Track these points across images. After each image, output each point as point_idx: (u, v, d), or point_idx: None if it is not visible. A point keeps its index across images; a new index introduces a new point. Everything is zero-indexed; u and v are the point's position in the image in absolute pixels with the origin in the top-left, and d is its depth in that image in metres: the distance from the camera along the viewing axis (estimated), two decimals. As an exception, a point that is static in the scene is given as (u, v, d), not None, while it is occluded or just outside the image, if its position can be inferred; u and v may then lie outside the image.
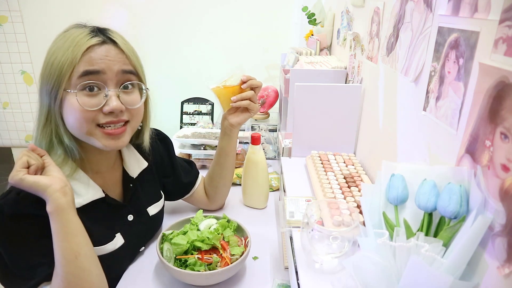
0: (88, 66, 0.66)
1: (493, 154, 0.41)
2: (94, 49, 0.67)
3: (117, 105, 0.67)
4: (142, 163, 0.88)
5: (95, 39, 0.67)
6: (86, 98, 0.66)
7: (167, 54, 2.33)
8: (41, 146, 0.69)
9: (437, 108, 0.57)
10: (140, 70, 0.74)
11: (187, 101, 2.08)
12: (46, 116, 0.68)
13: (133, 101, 0.72)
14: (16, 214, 0.63)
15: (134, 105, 0.72)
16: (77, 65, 0.65)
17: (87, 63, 0.66)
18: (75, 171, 0.71)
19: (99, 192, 0.74)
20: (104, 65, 0.67)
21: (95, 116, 0.67)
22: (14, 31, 2.31)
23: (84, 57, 0.66)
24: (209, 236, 0.81)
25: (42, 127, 0.69)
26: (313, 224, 0.60)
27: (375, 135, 0.90)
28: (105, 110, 0.67)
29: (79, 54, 0.65)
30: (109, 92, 0.67)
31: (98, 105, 0.67)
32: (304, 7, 1.58)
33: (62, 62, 0.65)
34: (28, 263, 0.63)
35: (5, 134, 2.54)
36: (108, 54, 0.68)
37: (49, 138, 0.69)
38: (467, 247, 0.41)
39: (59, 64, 0.65)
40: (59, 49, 0.66)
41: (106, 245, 0.74)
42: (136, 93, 0.73)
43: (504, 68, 0.40)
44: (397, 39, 0.75)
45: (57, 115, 0.68)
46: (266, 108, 1.72)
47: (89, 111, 0.66)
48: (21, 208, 0.63)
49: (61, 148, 0.70)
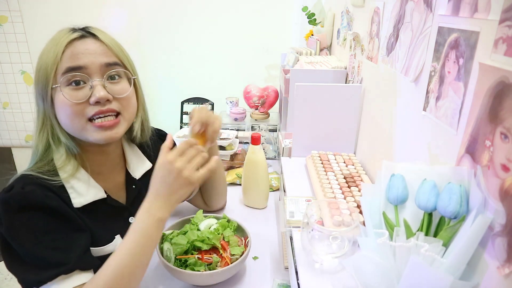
0: (71, 62, 0.67)
1: (493, 154, 0.41)
2: (74, 44, 0.68)
3: (103, 95, 0.68)
4: (146, 164, 0.88)
5: (74, 34, 0.68)
6: (72, 92, 0.67)
7: (167, 54, 2.33)
8: (38, 148, 0.70)
9: (437, 108, 0.57)
10: (125, 60, 0.75)
11: (187, 101, 2.08)
12: (43, 119, 0.70)
13: (121, 90, 0.72)
14: (24, 206, 0.62)
15: (122, 94, 0.72)
16: (59, 62, 0.66)
17: (69, 59, 0.67)
18: (77, 170, 0.72)
19: (100, 192, 0.74)
20: (87, 59, 0.67)
21: (84, 109, 0.68)
22: (14, 31, 2.31)
23: (65, 53, 0.67)
24: (209, 236, 0.81)
25: (40, 130, 0.70)
26: (313, 224, 0.60)
27: (375, 135, 0.90)
28: (91, 100, 0.67)
29: (60, 50, 0.66)
30: (94, 83, 0.68)
31: (85, 97, 0.67)
32: (304, 7, 1.58)
33: (46, 62, 0.67)
34: (39, 255, 0.62)
35: (5, 134, 2.54)
36: (89, 47, 0.69)
37: (46, 140, 0.70)
38: (467, 247, 0.41)
39: (45, 65, 0.67)
40: (44, 53, 0.68)
41: (105, 246, 0.74)
42: (124, 82, 0.73)
43: (504, 68, 0.40)
44: (397, 39, 0.75)
45: (51, 115, 0.69)
46: (266, 108, 1.72)
47: (77, 105, 0.67)
48: (28, 201, 0.63)
49: (62, 147, 0.70)
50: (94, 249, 0.72)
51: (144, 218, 0.66)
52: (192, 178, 0.67)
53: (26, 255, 0.62)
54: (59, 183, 0.68)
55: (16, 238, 0.62)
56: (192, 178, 0.67)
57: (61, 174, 0.69)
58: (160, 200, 0.67)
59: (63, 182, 0.69)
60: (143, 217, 0.66)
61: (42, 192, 0.64)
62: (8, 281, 1.91)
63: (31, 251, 0.62)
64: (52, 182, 0.67)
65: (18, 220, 0.62)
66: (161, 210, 0.66)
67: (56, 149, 0.70)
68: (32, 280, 0.62)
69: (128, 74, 0.75)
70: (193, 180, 0.67)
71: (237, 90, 1.94)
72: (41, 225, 0.63)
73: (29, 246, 0.62)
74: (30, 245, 0.62)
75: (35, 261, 0.62)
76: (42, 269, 0.61)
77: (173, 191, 0.67)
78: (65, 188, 0.69)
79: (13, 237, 0.62)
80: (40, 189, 0.65)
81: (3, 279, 1.93)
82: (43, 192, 0.64)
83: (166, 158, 0.67)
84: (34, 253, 0.62)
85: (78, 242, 0.66)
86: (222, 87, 2.32)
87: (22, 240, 0.62)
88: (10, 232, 0.62)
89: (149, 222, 0.65)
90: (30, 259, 0.62)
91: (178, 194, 0.67)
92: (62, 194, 0.68)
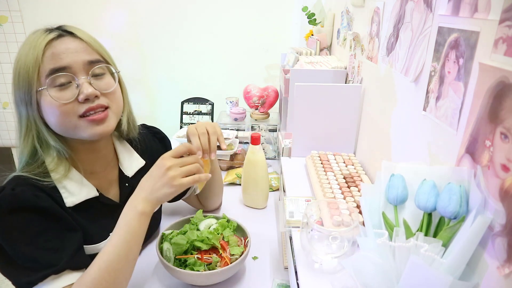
0: (53, 63, 0.66)
1: (493, 154, 0.41)
2: (53, 44, 0.67)
3: (91, 91, 0.68)
4: (139, 161, 0.87)
5: (52, 34, 0.68)
6: (59, 93, 0.66)
7: (167, 54, 2.33)
8: (24, 154, 0.69)
9: (437, 108, 0.57)
10: (105, 55, 0.74)
11: (187, 101, 2.08)
12: (26, 125, 0.69)
13: (106, 85, 0.72)
14: (14, 208, 0.62)
15: (108, 89, 0.72)
16: (41, 64, 0.66)
17: (51, 60, 0.66)
18: (69, 171, 0.72)
19: (93, 191, 0.74)
20: (69, 59, 0.67)
21: (73, 108, 0.67)
22: (14, 31, 2.31)
23: (46, 54, 0.66)
24: (209, 236, 0.81)
25: (24, 137, 0.69)
26: (312, 224, 0.60)
27: (375, 135, 0.90)
28: (80, 98, 0.67)
29: (40, 52, 0.65)
30: (80, 81, 0.68)
31: (73, 96, 0.67)
32: (304, 7, 1.58)
33: (26, 65, 0.66)
34: (31, 256, 0.62)
35: (5, 134, 2.54)
36: (69, 46, 0.68)
37: (32, 144, 0.69)
38: (467, 247, 0.41)
39: (25, 69, 0.66)
40: (21, 56, 0.67)
41: (99, 243, 0.74)
42: (108, 77, 0.73)
43: (504, 68, 0.40)
44: (397, 39, 0.75)
45: (37, 119, 0.68)
46: (266, 108, 1.72)
47: (66, 104, 0.67)
48: (19, 202, 0.63)
49: (53, 150, 0.70)
50: (89, 247, 0.72)
51: (127, 211, 0.67)
52: (175, 181, 0.67)
53: (18, 257, 0.62)
54: (51, 184, 0.68)
55: (8, 239, 0.62)
56: (176, 181, 0.67)
57: (53, 176, 0.69)
58: (142, 193, 0.68)
59: (55, 183, 0.69)
60: (126, 210, 0.67)
61: (32, 192, 0.64)
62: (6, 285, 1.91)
63: (22, 252, 0.62)
64: (44, 183, 0.67)
65: (9, 222, 0.62)
66: (142, 203, 0.67)
67: (46, 152, 0.70)
68: (23, 282, 0.62)
69: (111, 69, 0.75)
70: (176, 183, 0.67)
71: (237, 90, 1.94)
72: (32, 226, 0.63)
73: (21, 247, 0.62)
74: (21, 246, 0.62)
75: (27, 263, 0.62)
76: (33, 271, 0.62)
77: (156, 188, 0.68)
78: (57, 188, 0.69)
79: (5, 239, 0.62)
80: (31, 190, 0.65)
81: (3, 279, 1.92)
82: (33, 193, 0.64)
83: (162, 156, 0.69)
84: (26, 254, 0.62)
85: (69, 242, 0.66)
86: (222, 87, 2.32)
87: (14, 242, 0.62)
88: (2, 234, 0.62)
89: (131, 216, 0.66)
90: (21, 260, 0.62)
91: (160, 193, 0.68)
92: (54, 194, 0.68)
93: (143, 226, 0.67)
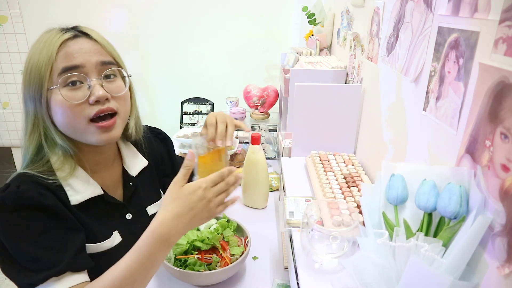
0: (66, 62, 0.66)
1: (493, 154, 0.41)
2: (68, 44, 0.67)
3: (102, 94, 0.67)
4: (142, 161, 0.88)
5: (67, 34, 0.68)
6: (70, 92, 0.66)
7: (167, 54, 2.33)
8: (29, 150, 0.69)
9: (437, 108, 0.57)
10: (118, 59, 0.75)
11: (187, 101, 2.08)
12: (33, 122, 0.68)
13: (117, 88, 0.72)
14: (18, 206, 0.62)
15: (119, 92, 0.72)
16: (54, 62, 0.65)
17: (65, 58, 0.66)
18: (74, 169, 0.72)
19: (97, 189, 0.74)
20: (82, 58, 0.67)
21: (84, 109, 0.67)
22: (14, 31, 2.31)
23: (60, 53, 0.66)
24: (209, 236, 0.81)
25: (30, 134, 0.69)
26: (313, 224, 0.60)
27: (375, 135, 0.90)
28: (91, 100, 0.67)
29: (54, 51, 0.65)
30: (92, 82, 0.67)
31: (84, 97, 0.67)
32: (304, 7, 1.58)
33: (39, 63, 0.65)
34: (33, 256, 0.62)
35: (5, 134, 2.54)
36: (83, 46, 0.68)
37: (37, 141, 0.69)
38: (467, 247, 0.41)
39: (37, 66, 0.65)
40: (35, 54, 0.66)
41: (103, 242, 0.74)
42: (119, 80, 0.73)
43: (504, 68, 0.40)
44: (397, 39, 0.75)
45: (45, 117, 0.68)
46: (266, 108, 1.72)
47: (76, 105, 0.66)
48: (23, 200, 0.63)
49: (59, 149, 0.70)
50: (92, 245, 0.72)
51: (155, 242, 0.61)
52: (214, 212, 0.65)
53: (20, 256, 0.62)
54: (56, 182, 0.68)
55: (10, 237, 0.62)
56: (215, 211, 0.65)
57: (58, 174, 0.69)
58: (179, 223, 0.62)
59: (60, 181, 0.69)
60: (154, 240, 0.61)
61: (37, 190, 0.64)
62: (6, 285, 1.91)
63: (25, 251, 0.62)
64: (49, 181, 0.67)
65: (12, 219, 0.62)
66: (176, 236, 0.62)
67: (52, 151, 0.69)
68: (25, 283, 0.62)
69: (122, 73, 0.75)
70: (214, 214, 0.65)
71: (237, 90, 1.94)
72: (36, 224, 0.63)
73: (23, 245, 0.61)
74: (24, 245, 0.61)
75: (28, 263, 0.62)
76: (35, 271, 0.61)
77: (195, 219, 0.63)
78: (62, 186, 0.69)
79: (7, 237, 0.62)
80: (36, 188, 0.64)
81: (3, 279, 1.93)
82: (38, 191, 0.64)
83: (199, 184, 0.63)
84: (28, 253, 0.62)
85: (72, 242, 0.66)
86: (222, 87, 2.32)
87: (16, 240, 0.62)
88: (4, 232, 0.62)
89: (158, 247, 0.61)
90: (23, 260, 0.62)
91: (196, 224, 0.64)
92: (59, 193, 0.68)
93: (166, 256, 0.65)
